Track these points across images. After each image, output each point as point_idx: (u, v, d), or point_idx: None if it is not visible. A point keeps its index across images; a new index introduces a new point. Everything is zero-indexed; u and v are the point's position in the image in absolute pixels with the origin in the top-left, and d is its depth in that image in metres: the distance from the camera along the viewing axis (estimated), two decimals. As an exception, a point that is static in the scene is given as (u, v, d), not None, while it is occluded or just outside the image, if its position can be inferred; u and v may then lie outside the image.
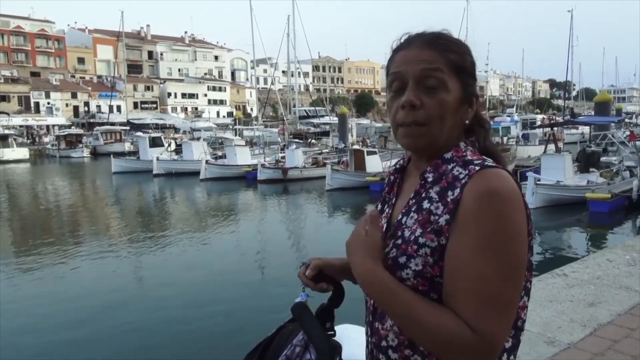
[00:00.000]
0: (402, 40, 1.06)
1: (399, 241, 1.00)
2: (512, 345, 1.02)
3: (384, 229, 1.09)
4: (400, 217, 1.05)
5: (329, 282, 1.24)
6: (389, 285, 0.95)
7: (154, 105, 78.27)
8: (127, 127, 53.56)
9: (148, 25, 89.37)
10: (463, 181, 0.96)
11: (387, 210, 1.13)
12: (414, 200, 1.04)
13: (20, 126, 57.85)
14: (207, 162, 28.22)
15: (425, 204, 1.00)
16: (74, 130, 54.48)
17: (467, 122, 1.05)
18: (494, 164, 0.98)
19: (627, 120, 43.74)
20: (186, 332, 7.82)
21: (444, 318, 0.90)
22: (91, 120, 65.29)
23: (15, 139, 47.12)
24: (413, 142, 1.03)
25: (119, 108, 67.65)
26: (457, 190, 0.95)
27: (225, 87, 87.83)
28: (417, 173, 1.06)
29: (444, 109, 1.00)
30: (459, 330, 0.88)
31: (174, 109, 78.18)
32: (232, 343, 7.04)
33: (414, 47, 1.02)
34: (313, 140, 40.02)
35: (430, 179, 1.02)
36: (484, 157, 1.02)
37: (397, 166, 1.17)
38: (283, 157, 28.18)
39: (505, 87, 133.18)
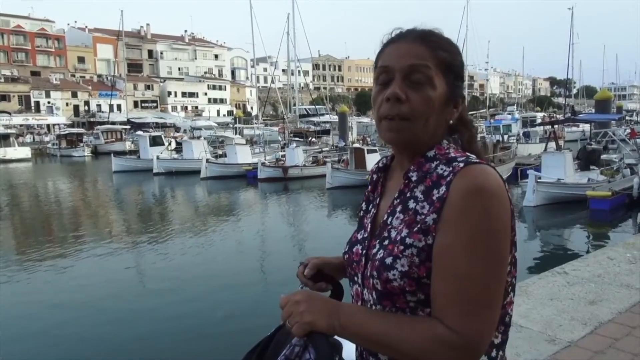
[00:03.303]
0: (393, 35, 1.05)
1: (386, 242, 1.00)
2: (501, 341, 1.02)
3: (369, 229, 1.08)
4: (385, 217, 1.04)
5: (327, 281, 1.23)
6: (360, 316, 0.95)
7: (154, 104, 78.28)
8: (128, 126, 53.58)
9: (148, 24, 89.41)
10: (448, 179, 0.95)
11: (372, 210, 1.12)
12: (398, 200, 1.03)
13: (21, 125, 57.90)
14: (207, 160, 28.23)
15: (411, 204, 0.99)
16: (75, 130, 54.55)
17: (451, 122, 1.05)
18: (477, 160, 0.98)
19: (627, 117, 43.73)
20: (185, 331, 7.82)
21: (417, 328, 0.91)
22: (91, 120, 65.36)
23: (16, 138, 47.22)
24: (395, 137, 1.02)
25: (119, 107, 67.63)
26: (443, 188, 0.95)
27: (225, 86, 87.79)
28: (401, 171, 1.05)
29: (428, 105, 0.99)
30: (442, 335, 0.89)
31: (174, 108, 78.19)
32: (231, 342, 7.03)
33: (404, 42, 1.02)
34: (313, 139, 40.02)
35: (414, 178, 1.01)
36: (467, 153, 1.01)
37: (380, 165, 1.16)
38: (283, 156, 28.20)
39: (506, 85, 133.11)
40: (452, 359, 0.89)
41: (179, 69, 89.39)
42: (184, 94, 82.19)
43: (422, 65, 0.99)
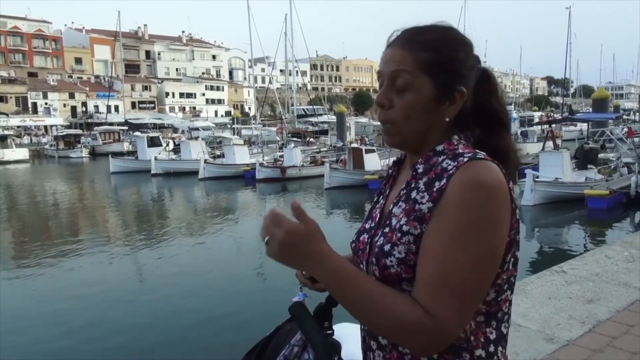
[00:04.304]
0: (390, 38, 1.08)
1: (387, 229, 1.02)
2: (497, 337, 1.01)
3: (377, 219, 1.10)
4: (391, 207, 1.06)
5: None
6: (347, 271, 0.94)
7: (152, 105, 78.19)
8: (125, 127, 53.52)
9: (145, 25, 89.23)
10: (450, 172, 0.97)
11: (381, 201, 1.15)
12: (404, 191, 1.05)
13: (18, 127, 57.79)
14: (205, 161, 28.21)
15: (413, 194, 1.01)
16: (73, 131, 54.48)
17: (447, 119, 1.04)
18: (483, 156, 0.98)
19: (624, 116, 43.78)
20: (184, 331, 7.82)
21: (398, 301, 0.91)
22: (89, 121, 65.23)
23: (13, 140, 47.14)
24: (389, 141, 1.08)
25: (116, 108, 67.52)
26: (444, 181, 0.96)
27: (223, 87, 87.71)
28: (411, 165, 1.08)
29: (409, 109, 1.02)
30: (413, 314, 0.89)
31: (172, 109, 78.10)
32: (230, 343, 7.03)
33: (392, 47, 1.05)
34: (311, 139, 40.04)
35: (420, 170, 1.04)
36: (476, 150, 1.02)
37: (396, 159, 1.19)
38: (281, 156, 28.20)
39: (503, 85, 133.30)
40: (417, 339, 0.90)
41: (177, 69, 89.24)
42: (181, 95, 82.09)
43: (402, 70, 1.01)
